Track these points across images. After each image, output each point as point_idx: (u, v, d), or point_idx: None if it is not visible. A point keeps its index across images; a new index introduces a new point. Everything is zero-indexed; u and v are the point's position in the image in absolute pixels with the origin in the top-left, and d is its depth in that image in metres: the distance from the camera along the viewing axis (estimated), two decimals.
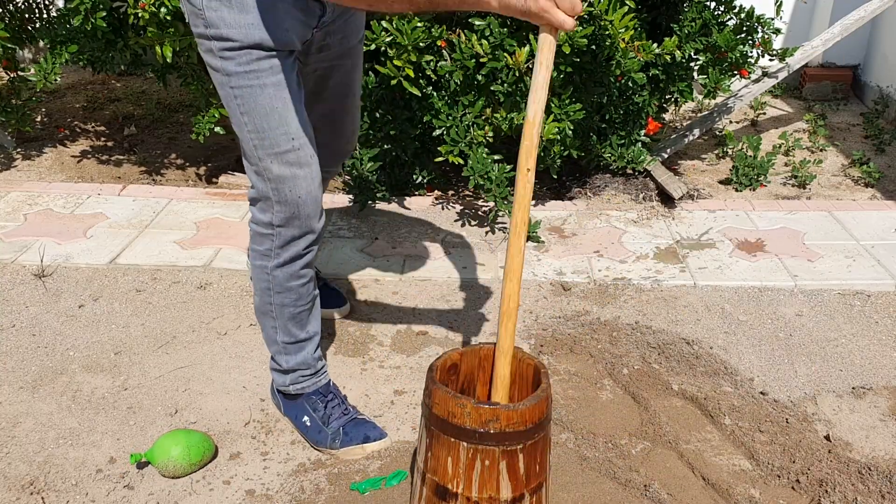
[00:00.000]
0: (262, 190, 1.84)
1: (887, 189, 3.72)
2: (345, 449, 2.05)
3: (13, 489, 1.94)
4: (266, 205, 1.86)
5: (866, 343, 2.54)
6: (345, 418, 2.09)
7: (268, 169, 1.80)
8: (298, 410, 2.12)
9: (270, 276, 1.94)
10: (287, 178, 1.80)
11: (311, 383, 2.11)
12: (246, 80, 1.73)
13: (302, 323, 2.04)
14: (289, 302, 1.99)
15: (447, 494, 1.64)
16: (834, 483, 1.96)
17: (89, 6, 3.04)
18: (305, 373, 2.10)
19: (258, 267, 1.96)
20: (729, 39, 3.22)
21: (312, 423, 2.09)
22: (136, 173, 3.81)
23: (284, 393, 2.15)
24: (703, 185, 3.72)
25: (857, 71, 4.94)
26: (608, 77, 3.17)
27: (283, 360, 2.08)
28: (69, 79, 5.04)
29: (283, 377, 2.11)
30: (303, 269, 1.95)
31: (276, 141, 1.78)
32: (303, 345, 2.07)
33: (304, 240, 1.90)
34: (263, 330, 2.09)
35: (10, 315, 2.61)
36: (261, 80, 1.73)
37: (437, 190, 3.51)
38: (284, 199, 1.83)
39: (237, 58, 1.71)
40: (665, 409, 2.25)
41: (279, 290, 1.96)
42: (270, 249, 1.91)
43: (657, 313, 2.67)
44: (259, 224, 1.90)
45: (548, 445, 1.69)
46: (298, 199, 1.83)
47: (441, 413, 1.60)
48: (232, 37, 1.69)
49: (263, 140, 1.78)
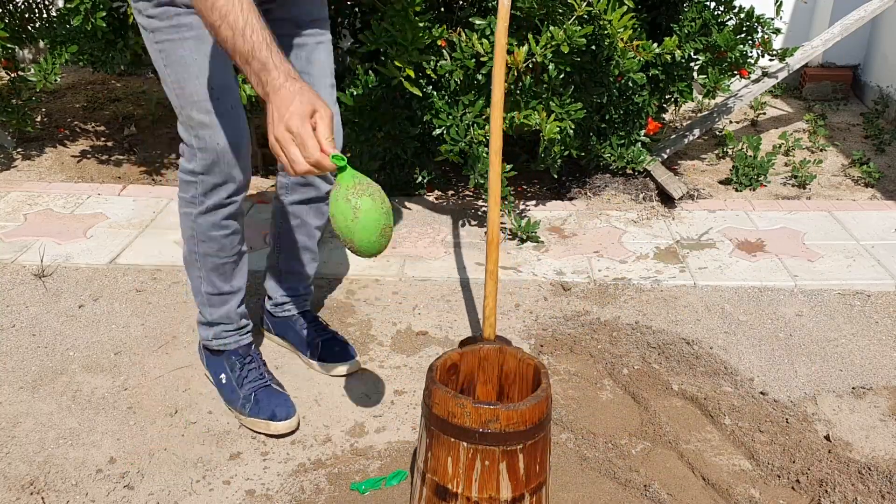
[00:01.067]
0: (187, 139, 1.94)
1: (887, 189, 3.72)
2: (251, 419, 2.12)
3: (13, 489, 1.94)
4: (190, 153, 1.96)
5: (866, 343, 2.54)
6: (258, 383, 2.16)
7: (190, 117, 1.90)
8: (217, 367, 2.21)
9: (195, 224, 2.03)
10: (207, 125, 1.89)
11: (234, 340, 2.20)
12: (168, 34, 1.84)
13: (226, 276, 2.12)
14: (212, 252, 2.07)
15: (447, 494, 1.64)
16: (834, 483, 1.96)
17: (89, 6, 3.04)
18: (229, 327, 2.19)
19: (184, 214, 2.05)
20: (729, 39, 3.22)
21: (227, 382, 2.18)
22: (136, 173, 3.81)
23: (208, 348, 2.23)
24: (703, 185, 3.72)
25: (857, 71, 4.94)
26: (608, 77, 3.17)
27: (207, 312, 2.17)
28: (69, 79, 5.04)
29: (208, 331, 2.20)
30: (225, 219, 2.03)
31: (196, 90, 1.87)
32: (226, 298, 2.15)
33: (225, 188, 1.98)
34: (191, 280, 2.17)
35: (10, 315, 2.61)
36: (181, 34, 1.83)
37: (437, 190, 3.51)
38: (205, 147, 1.92)
39: (159, 15, 1.82)
40: (665, 409, 2.25)
41: (203, 238, 2.05)
42: (195, 197, 2.00)
43: (657, 313, 2.67)
44: (185, 172, 2.00)
45: (548, 445, 1.69)
46: (217, 145, 1.91)
47: (441, 413, 1.60)
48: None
49: (184, 90, 1.88)
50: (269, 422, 2.10)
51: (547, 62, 2.87)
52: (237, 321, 2.20)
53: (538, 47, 2.84)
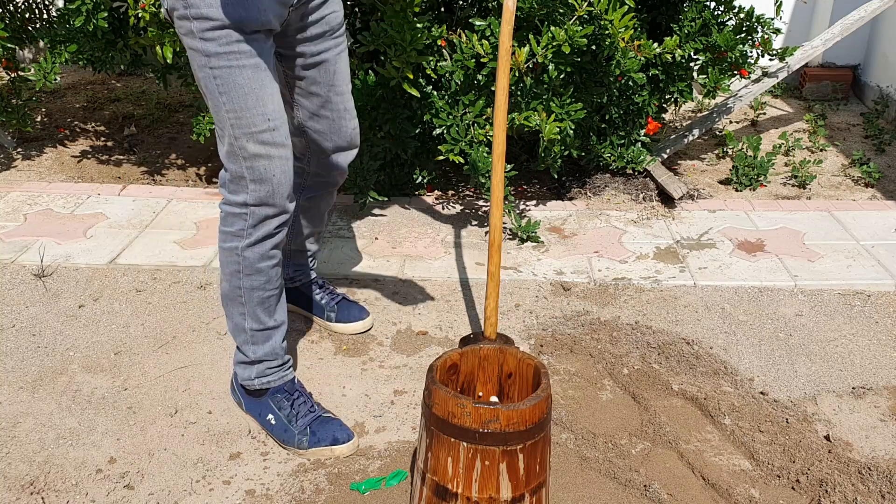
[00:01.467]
0: (236, 170, 1.88)
1: (887, 189, 3.72)
2: (313, 450, 2.05)
3: (13, 489, 1.94)
4: (240, 185, 1.90)
5: (866, 343, 2.54)
6: (311, 416, 2.08)
7: (244, 148, 1.85)
8: (262, 408, 2.12)
9: (241, 258, 1.97)
10: (262, 156, 1.86)
11: (278, 377, 2.11)
12: (226, 60, 1.77)
13: (270, 309, 2.06)
14: (258, 285, 2.01)
15: (447, 494, 1.64)
16: (834, 483, 1.96)
17: (91, 7, 3.04)
18: (272, 364, 2.10)
19: (228, 249, 1.98)
20: (729, 39, 3.22)
21: (278, 421, 2.08)
22: (136, 173, 3.81)
23: (248, 389, 2.14)
24: (703, 185, 3.72)
25: (857, 71, 4.94)
26: (608, 77, 3.17)
27: (251, 350, 2.08)
28: (69, 79, 5.04)
29: (249, 370, 2.10)
30: (273, 248, 1.99)
31: (253, 121, 1.83)
32: (270, 333, 2.08)
33: (276, 219, 1.95)
34: (230, 319, 2.08)
35: (10, 315, 2.61)
36: (240, 62, 1.78)
37: (438, 190, 3.51)
38: (259, 178, 1.87)
39: (218, 38, 1.76)
40: (665, 409, 2.25)
41: (249, 272, 1.99)
42: (243, 229, 1.94)
43: (657, 313, 2.67)
44: (231, 205, 1.93)
45: (548, 445, 1.69)
46: (273, 177, 1.88)
47: (441, 413, 1.60)
48: (211, 15, 1.73)
49: (241, 119, 1.82)
50: (333, 447, 2.04)
51: (547, 62, 2.87)
52: (281, 356, 2.11)
53: (539, 48, 2.84)
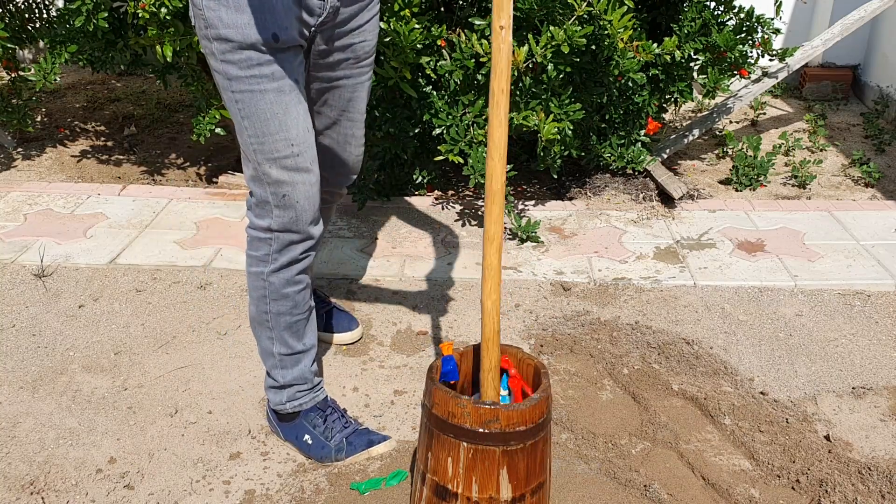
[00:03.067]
0: (261, 195, 1.83)
1: (887, 189, 3.72)
2: (351, 459, 2.03)
3: (13, 489, 1.94)
4: (264, 210, 1.85)
5: (866, 343, 2.54)
6: (346, 430, 2.06)
7: (267, 174, 1.80)
8: (298, 430, 2.07)
9: (267, 283, 1.92)
10: (286, 182, 1.80)
11: (309, 399, 2.07)
12: (247, 84, 1.72)
13: (298, 334, 2.01)
14: (285, 310, 1.96)
15: (447, 494, 1.64)
16: (834, 483, 1.96)
17: (91, 7, 3.04)
18: (302, 388, 2.05)
19: (254, 274, 1.94)
20: (729, 39, 3.22)
21: (314, 440, 2.05)
22: (136, 173, 3.81)
23: (280, 413, 2.09)
24: (703, 185, 3.72)
25: (857, 71, 4.94)
26: (608, 77, 3.17)
27: (280, 374, 2.03)
28: (69, 79, 5.04)
29: (280, 394, 2.06)
30: (299, 274, 1.93)
31: (276, 146, 1.77)
32: (299, 357, 2.02)
33: (301, 245, 1.90)
34: (259, 343, 2.04)
35: (10, 315, 2.61)
36: (262, 86, 1.72)
37: (437, 190, 3.51)
38: (283, 204, 1.82)
39: (238, 62, 1.70)
40: (665, 409, 2.25)
41: (275, 297, 1.94)
42: (268, 254, 1.89)
43: (657, 313, 2.67)
44: (257, 229, 1.89)
45: (548, 445, 1.69)
46: (297, 203, 1.83)
47: (441, 413, 1.60)
48: (230, 37, 1.68)
49: (263, 145, 1.77)
50: (370, 449, 2.04)
51: (546, 62, 2.87)
52: (311, 379, 2.06)
53: (538, 47, 2.84)
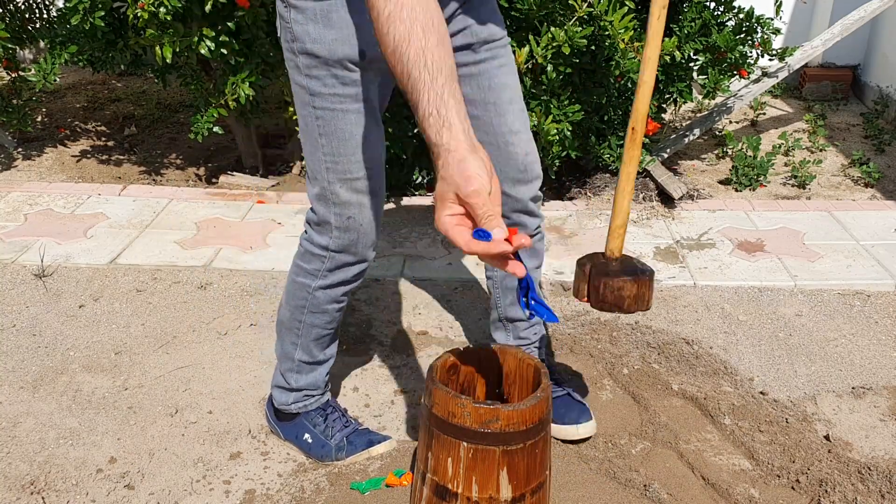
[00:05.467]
0: (324, 214, 1.78)
1: (887, 189, 3.72)
2: (351, 458, 2.03)
3: (13, 489, 1.94)
4: (325, 229, 1.80)
5: (866, 343, 2.54)
6: (347, 430, 2.06)
7: (335, 193, 1.75)
8: (298, 429, 2.07)
9: (310, 296, 1.89)
10: (353, 204, 1.76)
11: (315, 401, 2.07)
12: (330, 102, 1.67)
13: (323, 344, 2.00)
14: (320, 323, 1.94)
15: (447, 494, 1.64)
16: (834, 483, 1.96)
17: (88, 5, 3.04)
18: (312, 393, 2.05)
19: (299, 284, 1.90)
20: (728, 40, 3.22)
21: (314, 439, 2.05)
22: (136, 173, 3.81)
23: (281, 412, 2.09)
24: (702, 185, 3.72)
25: (857, 71, 4.94)
26: (607, 78, 3.17)
27: (294, 378, 2.02)
28: (69, 79, 5.04)
29: (287, 396, 2.05)
30: (344, 294, 1.91)
31: (350, 167, 1.72)
32: (317, 366, 2.03)
33: (356, 267, 1.86)
34: (282, 345, 2.01)
35: (10, 315, 2.62)
36: (345, 105, 1.67)
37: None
38: (346, 226, 1.78)
39: (323, 78, 1.65)
40: (665, 409, 2.25)
41: (314, 310, 1.91)
42: (318, 270, 1.85)
43: (657, 313, 2.67)
44: (313, 244, 1.84)
45: (548, 445, 1.69)
46: (360, 227, 1.78)
47: (441, 413, 1.60)
48: (316, 52, 1.63)
49: (337, 164, 1.72)
50: (370, 449, 2.04)
51: (546, 63, 2.87)
52: (322, 387, 2.06)
53: (539, 48, 2.84)
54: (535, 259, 2.04)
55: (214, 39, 3.04)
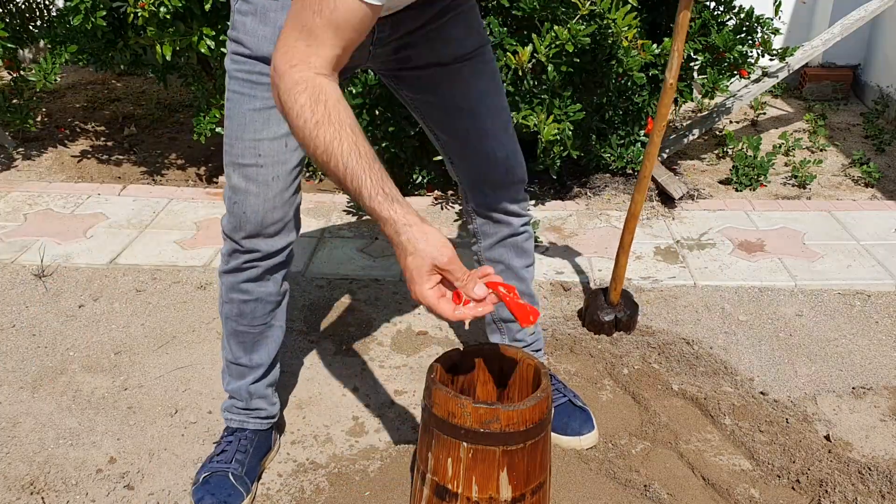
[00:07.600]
0: (224, 193, 1.81)
1: (887, 189, 3.72)
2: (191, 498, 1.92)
3: (13, 489, 1.94)
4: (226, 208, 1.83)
5: (866, 343, 2.54)
6: (205, 473, 1.93)
7: (228, 176, 1.77)
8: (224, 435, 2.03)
9: (221, 280, 1.89)
10: (240, 190, 1.76)
11: (239, 420, 1.99)
12: (240, 86, 1.70)
13: (245, 346, 1.93)
14: (231, 315, 1.89)
15: (447, 494, 1.64)
16: (834, 483, 1.96)
17: (89, 5, 3.04)
18: (238, 404, 1.99)
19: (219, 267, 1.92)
20: (728, 39, 3.22)
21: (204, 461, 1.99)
22: (136, 173, 3.81)
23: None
24: (703, 185, 3.72)
25: (857, 71, 4.94)
26: (608, 77, 3.17)
27: (225, 379, 1.99)
28: (69, 79, 5.04)
29: (224, 400, 2.03)
30: (245, 283, 1.85)
31: (243, 152, 1.73)
32: (243, 371, 1.95)
33: (244, 255, 1.82)
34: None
35: (10, 315, 2.61)
36: (254, 92, 1.69)
37: (437, 190, 3.51)
38: (231, 210, 1.78)
39: (242, 63, 1.68)
40: (665, 409, 2.25)
41: (225, 298, 1.90)
42: (223, 254, 1.86)
43: (657, 313, 2.67)
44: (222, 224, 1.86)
45: (548, 445, 1.69)
46: (243, 214, 1.77)
47: (441, 413, 1.60)
48: (244, 42, 1.66)
49: (233, 147, 1.74)
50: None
51: (548, 62, 2.86)
52: (247, 401, 1.98)
53: (542, 47, 2.83)
54: (524, 258, 2.04)
55: (215, 38, 3.05)
